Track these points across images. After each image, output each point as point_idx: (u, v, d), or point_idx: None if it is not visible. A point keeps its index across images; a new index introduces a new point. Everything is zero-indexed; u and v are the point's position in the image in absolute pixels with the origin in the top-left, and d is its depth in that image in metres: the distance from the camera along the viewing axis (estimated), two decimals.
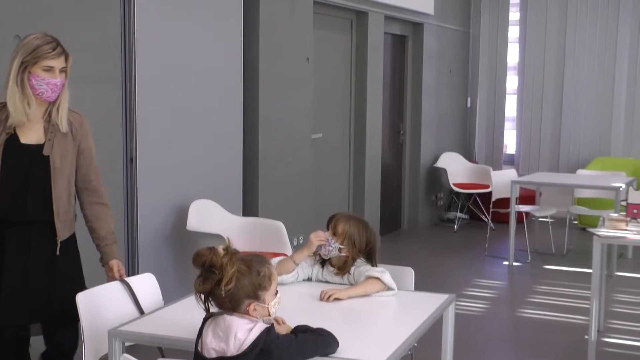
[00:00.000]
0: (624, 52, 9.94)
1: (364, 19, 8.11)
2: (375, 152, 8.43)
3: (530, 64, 10.52)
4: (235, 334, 2.58)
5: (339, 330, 2.77)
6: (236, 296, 2.61)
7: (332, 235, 3.60)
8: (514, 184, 7.78)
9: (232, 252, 2.64)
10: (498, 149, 10.83)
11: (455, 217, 9.83)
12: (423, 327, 3.04)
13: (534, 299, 6.57)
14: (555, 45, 10.34)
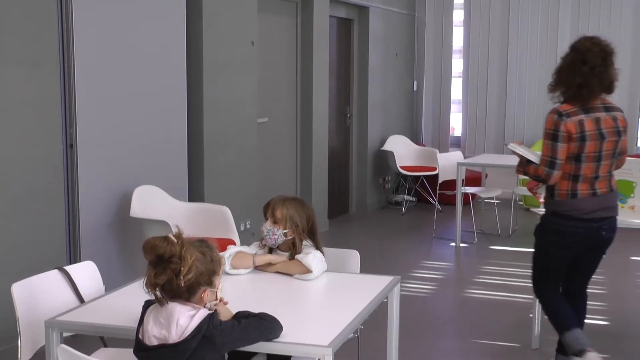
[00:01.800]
0: (565, 35, 10.04)
1: (309, 2, 8.06)
2: (322, 136, 8.40)
3: (474, 47, 10.58)
4: (177, 320, 2.54)
5: (282, 314, 2.75)
6: (194, 284, 2.57)
7: (272, 223, 3.57)
8: (460, 166, 7.84)
9: (184, 241, 2.58)
10: (444, 131, 10.89)
11: (403, 200, 9.86)
12: (368, 309, 3.04)
13: (481, 279, 6.62)
14: (499, 28, 10.41)
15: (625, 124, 4.17)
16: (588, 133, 4.02)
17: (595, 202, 4.12)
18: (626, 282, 6.64)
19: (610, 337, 5.27)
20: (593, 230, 4.16)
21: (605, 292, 6.33)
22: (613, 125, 4.09)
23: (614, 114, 4.13)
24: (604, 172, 4.12)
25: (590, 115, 4.05)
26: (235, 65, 6.71)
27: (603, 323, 5.58)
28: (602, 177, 4.13)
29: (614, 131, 4.08)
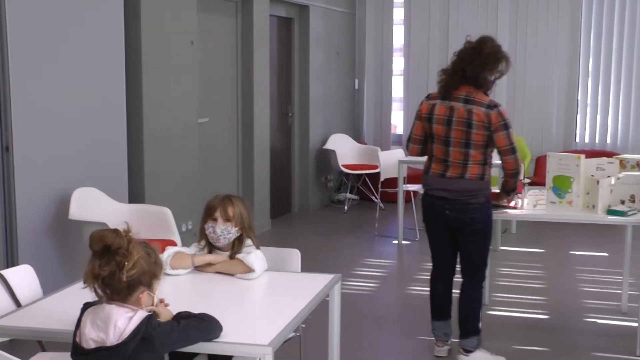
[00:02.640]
0: (504, 33, 10.19)
1: (249, 1, 8.03)
2: (263, 136, 8.39)
3: (415, 45, 10.66)
4: (115, 323, 2.51)
5: (222, 314, 2.74)
6: (134, 282, 2.55)
7: (225, 222, 3.55)
8: (402, 164, 7.89)
9: (132, 237, 2.58)
10: (386, 129, 10.95)
11: (345, 198, 9.90)
12: (308, 308, 3.04)
13: (423, 276, 6.66)
14: (438, 26, 10.51)
15: (484, 119, 4.39)
16: (436, 116, 4.51)
17: (441, 182, 4.56)
18: (566, 276, 6.75)
19: (550, 331, 5.36)
20: (437, 207, 4.61)
21: (545, 287, 6.44)
22: (464, 117, 4.42)
23: (470, 106, 4.42)
24: (455, 158, 4.49)
25: (445, 102, 4.49)
26: (174, 65, 6.66)
27: (543, 317, 5.67)
28: (453, 162, 4.51)
29: (464, 122, 4.42)
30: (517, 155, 4.47)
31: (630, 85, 9.98)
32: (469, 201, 4.52)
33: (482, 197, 4.53)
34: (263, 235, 8.03)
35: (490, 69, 4.46)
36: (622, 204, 4.92)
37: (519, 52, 10.21)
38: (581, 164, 4.94)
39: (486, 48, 4.48)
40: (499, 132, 4.39)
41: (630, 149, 9.83)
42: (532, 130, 10.32)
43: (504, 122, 4.39)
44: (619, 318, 5.56)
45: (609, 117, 10.14)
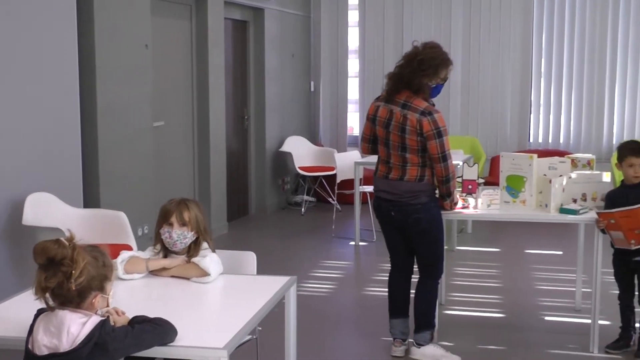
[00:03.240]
0: (457, 35, 10.28)
1: (203, 4, 8.00)
2: (219, 139, 8.36)
3: (370, 47, 10.71)
4: (68, 328, 2.49)
5: (178, 318, 2.73)
6: (85, 289, 2.53)
7: (181, 226, 3.53)
8: (358, 165, 7.92)
9: (76, 244, 2.54)
10: (342, 131, 10.98)
11: (302, 200, 9.90)
12: (263, 310, 3.04)
13: (380, 277, 6.69)
14: (393, 28, 10.57)
15: (416, 125, 4.46)
16: (378, 118, 4.64)
17: (385, 184, 4.67)
18: (521, 275, 6.83)
19: (506, 329, 5.42)
20: (384, 209, 4.72)
21: (500, 286, 6.51)
22: (400, 121, 4.51)
23: (406, 112, 4.50)
24: (395, 160, 4.60)
25: (387, 105, 4.59)
26: (129, 68, 6.61)
27: (499, 316, 5.73)
28: (394, 164, 4.61)
29: (399, 127, 4.51)
30: (448, 163, 4.51)
31: (582, 85, 10.13)
32: (410, 202, 4.58)
33: (424, 198, 4.58)
34: (220, 238, 8.00)
35: (425, 74, 4.50)
36: (574, 203, 4.99)
37: (472, 53, 10.32)
38: (534, 164, 5.00)
39: (421, 54, 4.53)
40: (431, 140, 4.45)
41: (583, 148, 9.99)
42: (487, 130, 10.43)
43: (437, 131, 4.45)
44: (573, 315, 5.64)
45: (561, 117, 10.28)
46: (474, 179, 5.08)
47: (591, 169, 5.27)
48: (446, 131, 4.50)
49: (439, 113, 4.51)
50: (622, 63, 10.02)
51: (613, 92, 10.08)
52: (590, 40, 10.04)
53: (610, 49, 10.01)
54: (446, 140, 4.49)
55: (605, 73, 10.04)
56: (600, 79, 10.07)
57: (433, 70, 4.52)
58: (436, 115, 4.47)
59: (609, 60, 10.02)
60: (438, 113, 4.50)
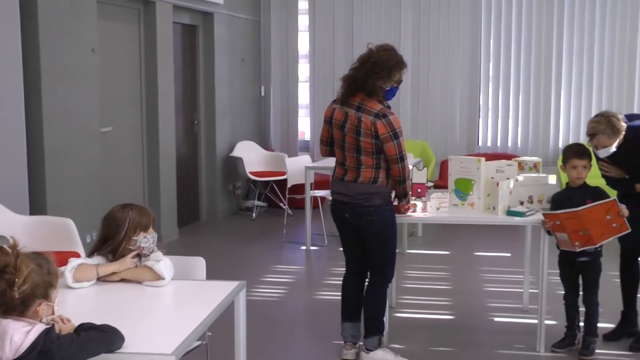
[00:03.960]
0: (407, 39, 10.36)
1: (151, 8, 7.95)
2: (169, 144, 8.30)
3: (320, 52, 10.73)
4: (12, 337, 2.45)
5: (126, 324, 2.71)
6: (28, 297, 2.49)
7: (151, 232, 3.53)
8: (309, 170, 7.93)
9: (19, 251, 2.51)
10: (293, 136, 10.98)
11: (254, 206, 9.88)
12: (212, 315, 3.03)
13: (331, 281, 6.71)
14: (343, 33, 10.60)
15: (370, 127, 4.48)
16: (334, 121, 4.65)
17: (340, 186, 4.70)
18: (470, 277, 6.89)
19: (455, 331, 5.47)
20: (339, 211, 4.75)
21: (450, 288, 6.56)
22: (355, 124, 4.54)
23: (360, 114, 4.53)
24: (350, 162, 4.62)
25: (343, 108, 4.61)
26: (75, 73, 6.54)
27: (449, 318, 5.77)
28: (349, 166, 4.63)
29: (354, 129, 4.54)
30: (405, 164, 4.55)
31: (529, 89, 10.28)
32: (364, 204, 4.59)
33: (377, 200, 4.59)
34: (171, 244, 7.95)
35: (379, 77, 4.52)
36: (521, 205, 5.06)
37: (422, 58, 10.41)
38: (481, 167, 5.05)
39: (375, 57, 4.55)
40: (388, 142, 4.48)
41: (530, 151, 10.12)
42: (436, 134, 10.52)
43: (392, 133, 4.48)
44: (521, 316, 5.71)
45: (509, 120, 10.42)
46: (423, 182, 5.12)
47: (537, 171, 5.34)
48: (402, 132, 4.52)
49: (393, 115, 4.53)
50: (567, 68, 10.20)
51: (559, 96, 10.25)
52: (536, 45, 10.20)
53: (556, 54, 10.18)
54: (402, 141, 4.52)
55: (551, 77, 10.21)
56: (547, 83, 10.23)
57: (387, 73, 4.54)
58: (391, 117, 4.49)
59: (554, 65, 10.19)
60: (393, 115, 4.52)
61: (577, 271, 4.88)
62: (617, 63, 10.10)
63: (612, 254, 5.23)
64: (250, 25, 10.50)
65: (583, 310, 4.95)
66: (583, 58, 10.15)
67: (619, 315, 5.24)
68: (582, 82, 10.19)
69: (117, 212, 3.56)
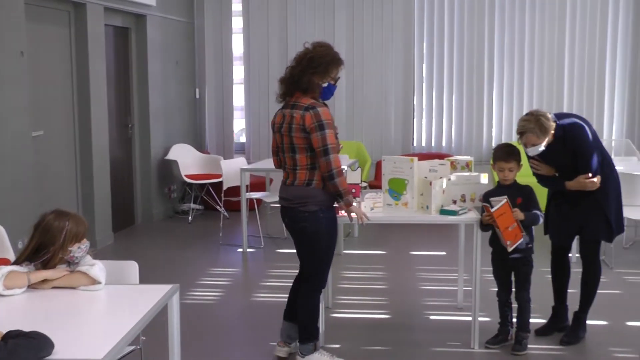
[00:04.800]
0: (341, 41, 10.40)
1: (81, 10, 7.83)
2: (102, 148, 8.19)
3: (255, 54, 10.71)
4: None
5: (55, 330, 2.68)
6: None
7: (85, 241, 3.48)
8: (244, 172, 7.91)
9: None
10: (228, 138, 10.93)
11: (190, 208, 9.81)
12: (145, 320, 3.00)
13: (268, 283, 6.71)
14: (277, 35, 10.60)
15: (300, 121, 4.44)
16: (276, 125, 4.63)
17: (281, 190, 4.69)
18: (406, 276, 6.95)
19: (392, 330, 5.50)
20: (282, 215, 4.72)
21: (386, 287, 6.61)
22: (288, 121, 4.51)
23: (293, 111, 4.49)
24: (288, 164, 4.60)
25: (282, 111, 4.61)
26: (3, 77, 6.41)
27: (385, 317, 5.81)
28: (287, 169, 4.62)
29: (287, 127, 4.50)
30: (331, 158, 4.41)
31: (462, 89, 10.42)
32: (299, 209, 4.54)
33: (312, 206, 4.51)
34: (105, 249, 7.86)
35: (315, 72, 4.49)
36: (454, 204, 5.13)
37: (356, 59, 10.47)
38: (414, 167, 5.10)
39: (311, 53, 4.54)
40: (313, 133, 4.41)
41: (464, 151, 10.27)
42: (371, 135, 10.59)
43: (318, 123, 4.39)
44: (456, 313, 5.78)
45: (443, 121, 10.54)
46: (358, 182, 5.14)
47: (470, 170, 5.41)
48: (330, 125, 4.42)
49: (323, 107, 4.45)
50: (499, 69, 10.37)
51: (491, 96, 10.42)
52: (469, 47, 10.35)
53: (488, 56, 10.35)
54: (329, 133, 4.40)
55: (483, 78, 10.37)
56: (479, 84, 10.39)
57: (323, 68, 4.51)
58: (320, 109, 4.42)
59: (486, 66, 10.36)
60: (323, 107, 4.45)
61: (509, 268, 4.96)
62: (547, 64, 10.32)
63: (544, 250, 5.33)
64: (183, 28, 10.43)
65: (516, 307, 5.03)
66: (514, 59, 10.34)
67: (550, 310, 5.35)
68: (514, 82, 10.38)
69: (53, 222, 3.47)
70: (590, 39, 10.29)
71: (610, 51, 10.31)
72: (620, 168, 6.93)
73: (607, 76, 10.33)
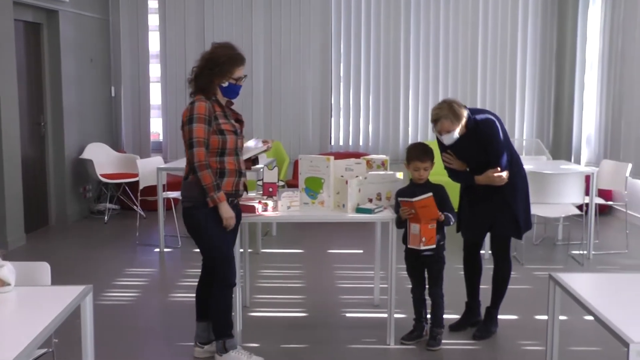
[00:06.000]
0: (259, 39, 10.41)
1: None
2: (13, 146, 7.99)
3: (171, 52, 10.63)
4: None
5: None
6: None
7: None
8: (160, 171, 7.83)
9: None
10: (145, 137, 10.81)
11: (106, 208, 9.67)
12: (56, 322, 2.94)
13: (185, 283, 6.66)
14: (194, 32, 10.54)
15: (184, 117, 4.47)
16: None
17: None
18: (323, 274, 6.99)
19: (309, 328, 5.53)
20: None
21: (304, 286, 6.64)
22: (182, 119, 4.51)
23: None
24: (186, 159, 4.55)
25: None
26: None
27: (302, 315, 5.83)
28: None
29: (182, 123, 4.49)
30: (194, 151, 4.36)
31: (379, 89, 10.55)
32: (183, 204, 4.59)
33: (187, 202, 4.52)
34: (16, 250, 7.69)
35: (214, 73, 4.49)
36: (370, 202, 5.18)
37: (274, 58, 10.48)
38: (331, 165, 5.14)
39: (210, 54, 4.55)
40: (184, 126, 4.44)
41: (381, 150, 10.40)
42: (289, 134, 10.62)
43: (189, 117, 4.40)
44: (372, 310, 5.84)
45: (360, 120, 10.65)
46: (274, 181, 5.16)
47: (385, 169, 5.48)
48: (201, 119, 4.37)
49: (201, 102, 4.43)
50: (415, 69, 10.55)
51: (407, 96, 10.59)
52: (385, 47, 10.50)
53: (404, 56, 10.51)
54: (197, 128, 4.36)
55: (399, 78, 10.53)
56: (395, 84, 10.54)
57: (219, 69, 4.49)
58: (197, 103, 4.43)
59: (402, 66, 10.52)
60: (200, 102, 4.43)
61: (422, 265, 5.04)
62: (461, 65, 10.54)
63: (456, 248, 5.43)
64: (98, 24, 10.26)
65: (430, 303, 5.11)
66: (429, 60, 10.53)
67: (463, 306, 5.45)
68: (429, 82, 10.56)
69: None
70: (502, 42, 10.56)
71: (521, 54, 10.60)
72: (530, 167, 7.15)
73: (518, 78, 10.62)
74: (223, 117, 4.54)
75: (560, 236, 8.29)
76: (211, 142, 4.45)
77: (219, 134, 4.47)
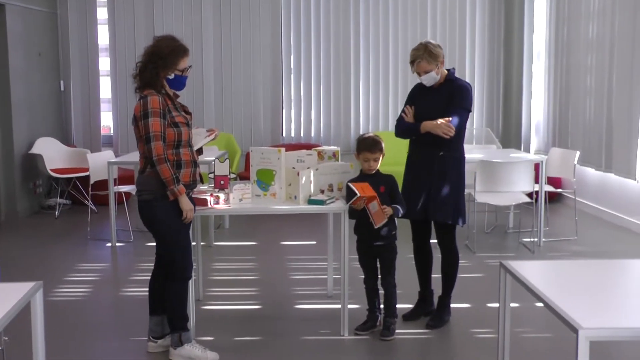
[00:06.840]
0: (209, 32, 10.37)
1: None
2: None
3: (121, 44, 10.54)
4: None
5: None
6: None
7: None
8: (111, 165, 7.77)
9: None
10: (95, 131, 10.71)
11: (56, 204, 9.57)
12: (5, 319, 2.91)
13: (137, 277, 6.63)
14: (144, 25, 10.48)
15: (135, 112, 4.49)
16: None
17: None
18: (277, 266, 7.00)
19: (263, 320, 5.53)
20: None
21: (257, 278, 6.64)
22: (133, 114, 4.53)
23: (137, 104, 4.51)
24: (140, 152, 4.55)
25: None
26: None
27: (256, 307, 5.84)
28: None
29: (133, 118, 4.51)
30: (152, 145, 4.36)
31: (329, 81, 10.60)
32: (139, 198, 4.58)
33: (145, 195, 4.50)
34: None
35: (157, 66, 4.47)
36: (321, 194, 5.20)
37: (224, 50, 10.46)
38: (282, 157, 5.14)
39: (152, 47, 4.55)
40: (139, 122, 4.43)
41: (333, 141, 10.44)
42: (241, 126, 10.62)
43: (144, 112, 4.39)
44: (326, 302, 5.87)
45: (311, 111, 10.68)
46: (226, 174, 5.14)
47: (336, 160, 5.51)
48: (156, 113, 4.37)
49: (154, 96, 4.41)
50: (365, 60, 10.61)
51: (358, 87, 10.65)
52: (335, 39, 10.56)
53: (354, 48, 10.58)
54: (153, 122, 4.36)
55: (350, 70, 10.60)
56: (346, 76, 10.60)
57: (163, 62, 4.48)
58: (149, 98, 4.41)
59: (352, 59, 10.59)
60: (153, 96, 4.42)
61: (374, 255, 5.08)
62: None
63: (407, 238, 5.48)
64: (46, 18, 10.13)
65: (383, 293, 5.15)
66: (379, 52, 10.61)
67: (416, 295, 5.51)
68: (379, 74, 10.64)
69: None
70: (450, 32, 10.68)
71: (469, 44, 10.72)
72: (480, 156, 7.24)
73: (467, 68, 10.74)
74: (175, 109, 4.54)
75: (511, 224, 8.41)
76: (167, 136, 4.43)
77: (173, 126, 4.47)
